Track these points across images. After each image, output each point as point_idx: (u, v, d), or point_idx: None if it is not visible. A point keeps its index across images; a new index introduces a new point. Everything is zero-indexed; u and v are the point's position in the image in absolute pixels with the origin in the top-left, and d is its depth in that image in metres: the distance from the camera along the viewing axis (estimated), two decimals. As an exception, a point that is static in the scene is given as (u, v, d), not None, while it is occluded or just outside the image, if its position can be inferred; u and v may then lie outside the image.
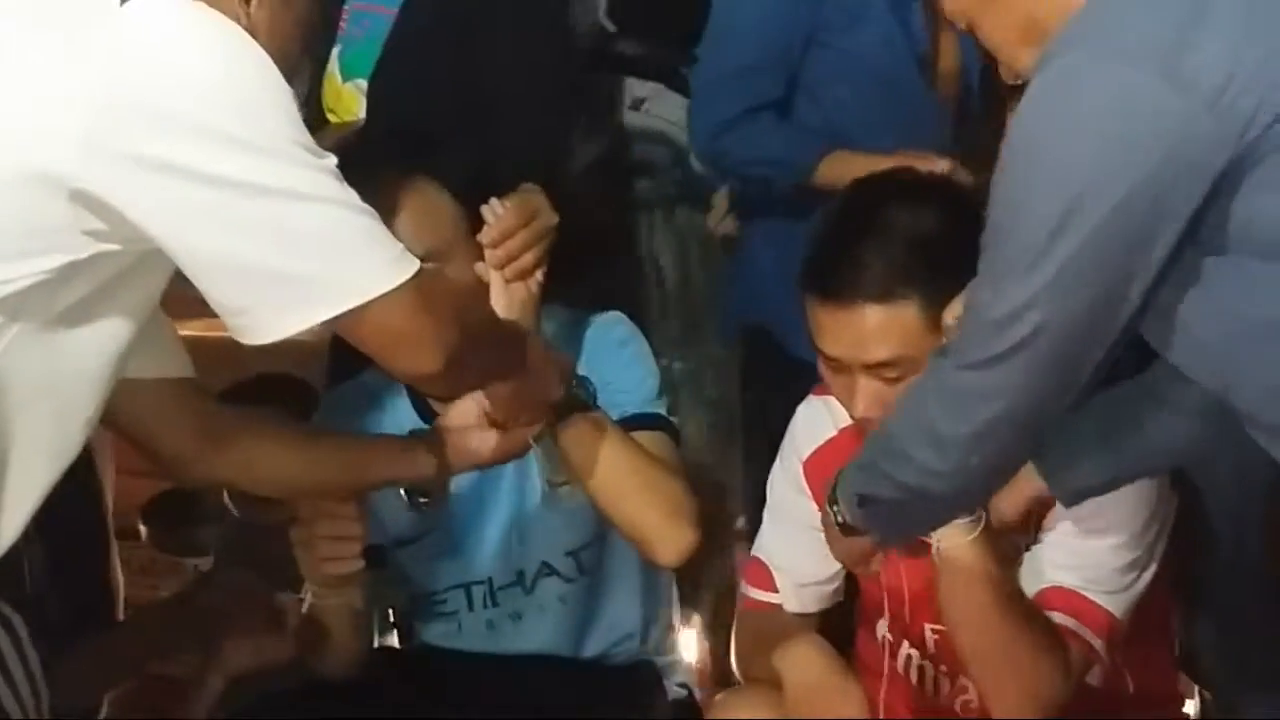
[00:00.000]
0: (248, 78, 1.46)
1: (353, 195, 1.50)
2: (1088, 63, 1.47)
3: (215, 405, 1.92)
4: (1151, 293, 1.51)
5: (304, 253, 1.47)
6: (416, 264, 1.53)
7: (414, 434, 2.07)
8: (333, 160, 1.50)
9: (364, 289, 1.49)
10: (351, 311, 1.49)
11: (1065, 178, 1.47)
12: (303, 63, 1.71)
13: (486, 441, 2.03)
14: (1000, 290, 1.54)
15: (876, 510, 1.78)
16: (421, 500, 2.09)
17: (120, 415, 1.74)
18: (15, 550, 1.61)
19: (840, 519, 1.83)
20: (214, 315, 1.53)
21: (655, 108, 2.98)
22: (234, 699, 2.22)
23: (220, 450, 1.89)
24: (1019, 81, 1.61)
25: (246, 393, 2.83)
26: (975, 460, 1.63)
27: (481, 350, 1.70)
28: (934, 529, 1.87)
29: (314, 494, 2.08)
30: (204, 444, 1.87)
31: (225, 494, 2.86)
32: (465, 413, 2.03)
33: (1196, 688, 2.35)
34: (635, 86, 2.97)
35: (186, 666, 2.25)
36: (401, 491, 2.11)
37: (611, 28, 2.88)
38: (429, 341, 1.55)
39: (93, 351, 1.57)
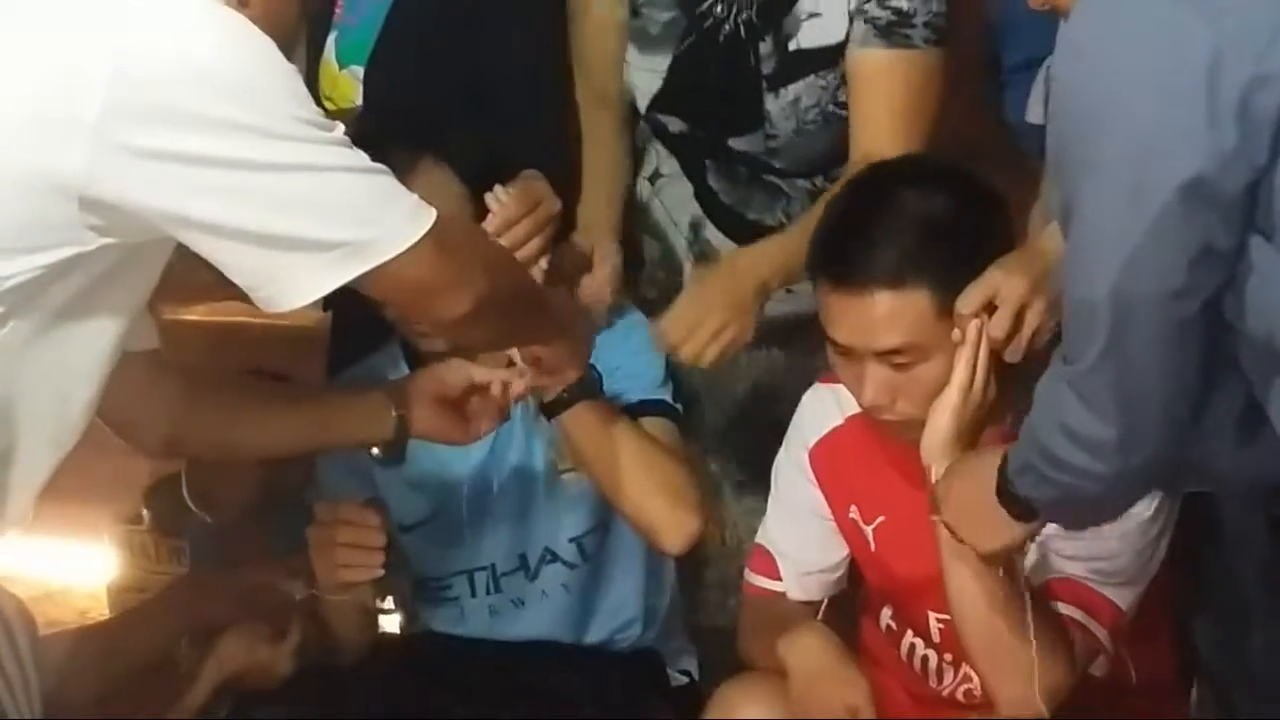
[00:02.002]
0: (253, 64, 1.47)
1: (363, 158, 1.52)
2: (1127, 2, 1.44)
3: (178, 378, 1.92)
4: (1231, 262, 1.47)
5: (326, 220, 1.48)
6: (434, 214, 1.54)
7: (378, 390, 2.06)
8: (340, 128, 1.51)
9: (386, 246, 1.50)
10: (376, 269, 1.50)
11: (1123, 151, 1.44)
12: (299, 32, 1.70)
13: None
14: (1079, 273, 1.51)
15: (1046, 506, 1.74)
16: (374, 451, 2.06)
17: None
18: None
19: (1021, 494, 1.75)
20: (216, 299, 1.52)
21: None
22: (232, 693, 2.18)
23: (185, 422, 1.90)
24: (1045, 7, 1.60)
25: None
26: (1136, 457, 1.59)
27: (512, 297, 1.71)
28: (1116, 518, 1.83)
29: (279, 457, 2.12)
30: (169, 416, 1.87)
31: (184, 494, 2.85)
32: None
33: (1195, 677, 2.31)
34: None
35: (184, 660, 2.21)
36: None
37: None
38: (455, 286, 1.57)
39: (92, 339, 1.57)
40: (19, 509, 1.61)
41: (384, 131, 2.15)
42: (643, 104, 2.37)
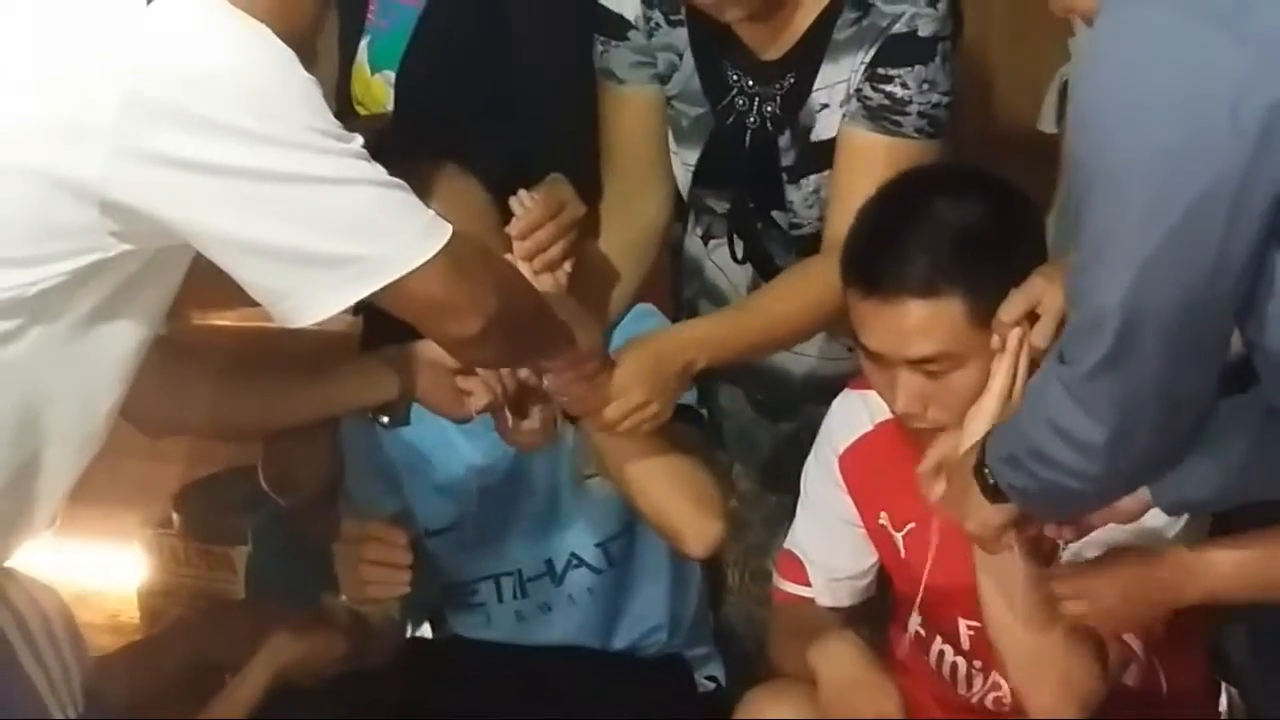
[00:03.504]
0: (270, 74, 1.46)
1: (380, 171, 1.51)
2: (1154, 17, 1.40)
3: (174, 355, 1.90)
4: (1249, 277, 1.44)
5: (340, 234, 1.47)
6: (449, 231, 1.53)
7: (377, 357, 2.04)
8: (359, 140, 1.50)
9: (400, 262, 1.49)
10: (390, 285, 1.49)
11: (1144, 162, 1.41)
12: (316, 37, 1.69)
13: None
14: (1091, 280, 1.48)
15: (1027, 496, 1.71)
16: (382, 420, 2.04)
17: None
18: None
19: (992, 481, 1.73)
20: (247, 305, 1.53)
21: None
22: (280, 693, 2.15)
23: (183, 399, 1.91)
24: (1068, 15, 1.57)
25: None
26: (1123, 460, 1.57)
27: (522, 317, 1.70)
28: (1092, 513, 1.79)
29: (283, 429, 2.10)
30: (166, 393, 1.86)
31: (261, 479, 2.82)
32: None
33: (1224, 684, 2.27)
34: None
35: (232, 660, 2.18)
36: None
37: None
38: (467, 304, 1.56)
39: (116, 345, 1.57)
40: (47, 513, 1.62)
41: (413, 136, 2.15)
42: (684, 191, 2.35)
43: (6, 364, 1.50)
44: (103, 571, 3.52)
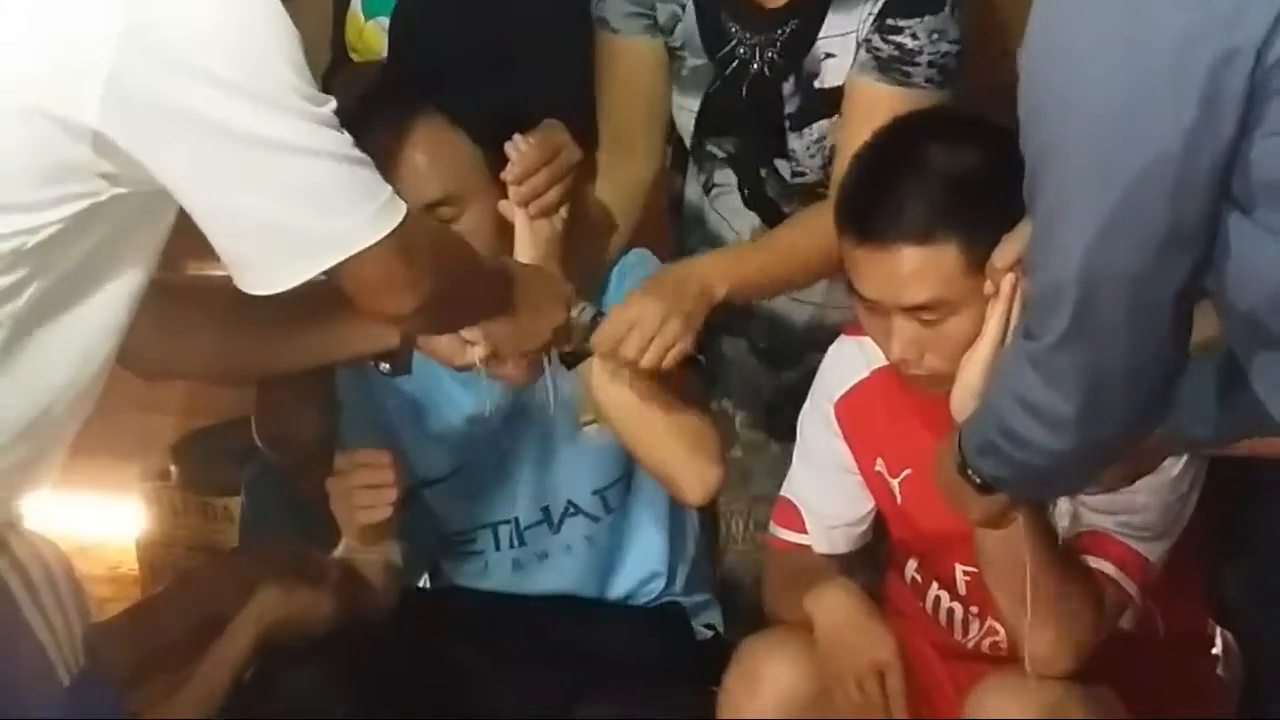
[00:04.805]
0: (254, 25, 1.45)
1: (345, 143, 1.50)
2: None
3: (172, 299, 1.89)
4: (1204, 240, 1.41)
5: (295, 206, 1.47)
6: (401, 213, 1.53)
7: None
8: (331, 106, 1.49)
9: (350, 242, 1.50)
10: (337, 264, 1.50)
11: (1087, 131, 1.38)
12: None
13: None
14: (1045, 252, 1.46)
15: (1008, 485, 1.70)
16: (383, 367, 2.01)
17: None
18: None
19: (980, 480, 1.72)
20: None
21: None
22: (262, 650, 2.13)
23: (180, 343, 1.90)
24: None
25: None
26: (1095, 433, 1.54)
27: (461, 293, 1.71)
28: (1078, 490, 1.80)
29: (281, 376, 2.10)
30: (162, 337, 1.85)
31: (253, 431, 2.80)
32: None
33: (1219, 627, 2.26)
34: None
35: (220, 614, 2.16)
36: None
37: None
38: (404, 287, 1.56)
39: (110, 296, 1.56)
40: (51, 466, 1.61)
41: (406, 84, 2.12)
42: (687, 139, 2.33)
43: (9, 319, 1.50)
44: (102, 524, 3.52)
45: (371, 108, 1.93)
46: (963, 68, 2.15)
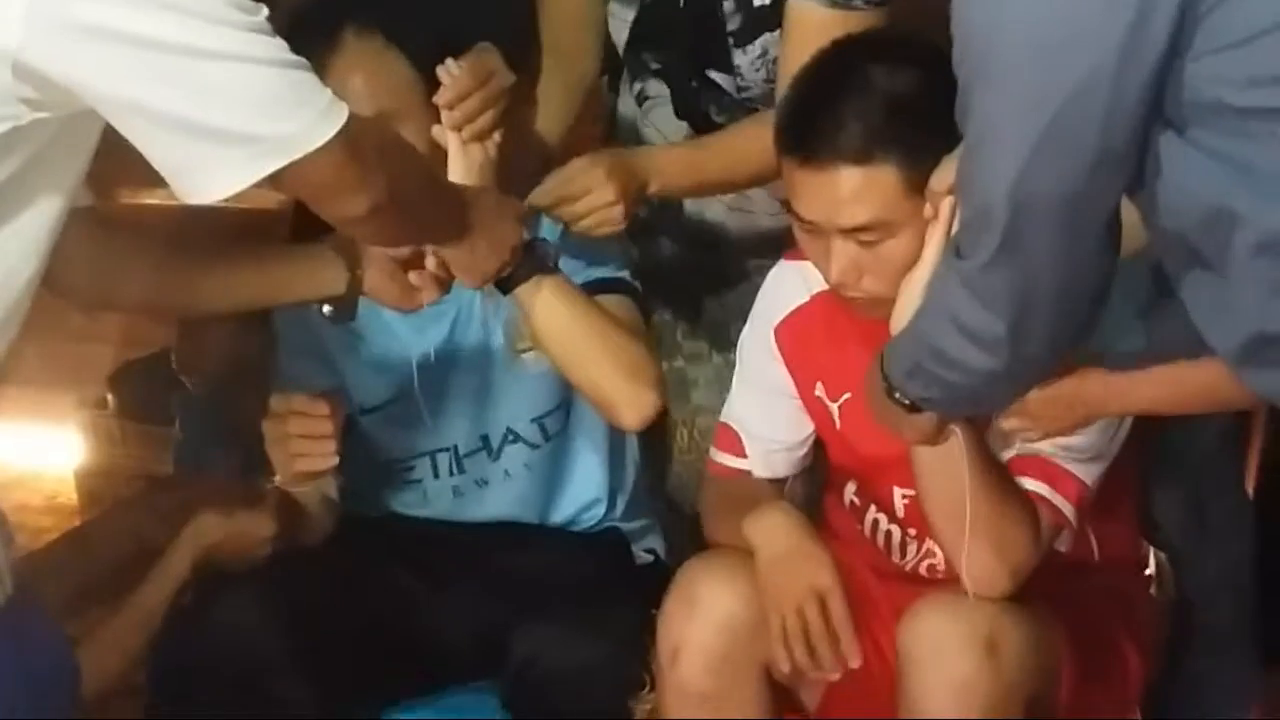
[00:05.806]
0: None
1: (282, 49, 1.47)
2: None
3: (112, 230, 1.86)
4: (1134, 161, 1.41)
5: (240, 112, 1.45)
6: (344, 115, 1.50)
7: (328, 246, 1.99)
8: (263, 13, 1.46)
9: (294, 145, 1.47)
10: (283, 167, 1.48)
11: (1020, 50, 1.37)
12: None
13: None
14: (976, 171, 1.45)
15: (938, 405, 1.70)
16: (326, 309, 2.00)
17: None
18: None
19: (907, 402, 1.72)
20: None
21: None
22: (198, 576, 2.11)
23: (117, 275, 1.86)
24: None
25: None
26: (1027, 349, 1.54)
27: (416, 198, 1.69)
28: (1004, 408, 1.78)
29: (226, 315, 2.09)
30: (99, 268, 1.82)
31: (173, 361, 2.77)
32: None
33: (1151, 548, 2.28)
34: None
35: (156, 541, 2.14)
36: None
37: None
38: (356, 186, 1.55)
39: (30, 220, 1.53)
40: None
41: (342, 2, 2.08)
42: (620, 49, 2.31)
43: None
44: (40, 453, 3.50)
45: (308, 26, 1.89)
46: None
